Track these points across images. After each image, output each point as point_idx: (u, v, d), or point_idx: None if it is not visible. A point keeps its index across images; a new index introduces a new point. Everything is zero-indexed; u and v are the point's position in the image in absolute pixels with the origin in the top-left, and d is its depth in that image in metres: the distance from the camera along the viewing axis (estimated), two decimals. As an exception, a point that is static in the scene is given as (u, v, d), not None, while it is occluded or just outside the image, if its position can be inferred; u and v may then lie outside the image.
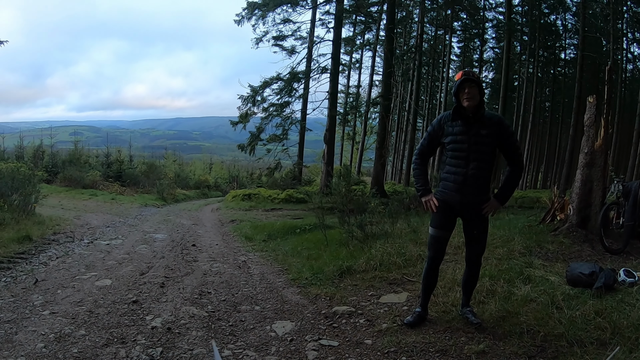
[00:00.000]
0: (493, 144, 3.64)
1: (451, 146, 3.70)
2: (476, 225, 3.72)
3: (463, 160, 3.63)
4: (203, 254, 7.33)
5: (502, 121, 3.73)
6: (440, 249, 3.83)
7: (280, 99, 21.08)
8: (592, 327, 3.39)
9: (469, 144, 3.61)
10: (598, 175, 6.48)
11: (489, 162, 3.67)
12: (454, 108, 3.70)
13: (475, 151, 3.61)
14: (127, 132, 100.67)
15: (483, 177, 3.65)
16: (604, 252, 5.84)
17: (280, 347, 3.52)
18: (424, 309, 3.94)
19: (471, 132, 3.61)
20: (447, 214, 3.76)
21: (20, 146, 24.45)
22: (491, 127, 3.60)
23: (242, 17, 21.10)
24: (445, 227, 3.79)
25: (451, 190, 3.70)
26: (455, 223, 3.85)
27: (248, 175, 35.35)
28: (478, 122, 3.61)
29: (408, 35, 30.81)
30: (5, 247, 6.98)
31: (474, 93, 3.55)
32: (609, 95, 6.75)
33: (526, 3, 28.00)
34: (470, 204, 3.66)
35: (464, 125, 3.64)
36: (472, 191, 3.63)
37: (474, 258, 3.79)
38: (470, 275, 3.84)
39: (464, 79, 3.56)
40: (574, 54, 29.64)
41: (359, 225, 7.20)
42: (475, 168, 3.61)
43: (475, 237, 3.74)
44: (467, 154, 3.62)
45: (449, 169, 3.74)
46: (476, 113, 3.60)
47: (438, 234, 3.78)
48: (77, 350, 3.34)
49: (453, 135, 3.68)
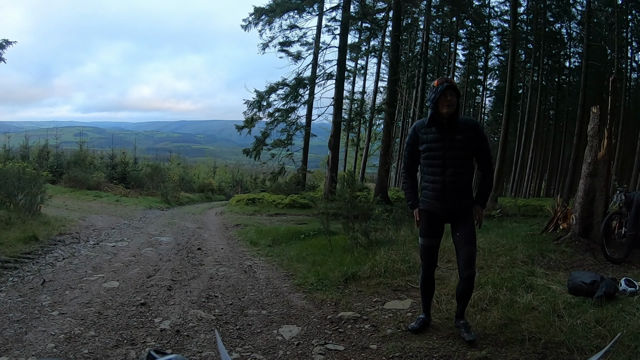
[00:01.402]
0: (469, 148, 3.61)
1: (426, 154, 3.68)
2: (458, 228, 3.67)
3: (439, 168, 3.61)
4: (209, 258, 7.39)
5: (477, 125, 3.71)
6: (431, 256, 3.82)
7: (286, 105, 21.19)
8: (593, 335, 3.43)
9: (444, 150, 3.58)
10: (601, 185, 6.53)
11: (466, 167, 3.65)
12: (430, 115, 3.60)
13: (451, 157, 3.57)
14: (132, 133, 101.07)
15: (462, 182, 3.61)
16: (606, 262, 5.88)
17: (288, 350, 3.56)
18: (427, 314, 3.94)
19: (446, 138, 3.57)
20: (432, 223, 3.75)
21: (25, 146, 24.57)
22: (466, 131, 3.58)
23: (249, 23, 21.25)
24: (432, 235, 3.77)
25: (431, 199, 3.69)
26: (442, 230, 3.82)
27: (252, 180, 35.53)
28: (452, 127, 3.56)
29: (413, 42, 30.87)
30: (12, 246, 7.05)
31: (454, 100, 3.51)
32: (612, 105, 6.80)
33: (531, 11, 28.06)
34: (452, 209, 3.64)
35: (438, 131, 3.60)
36: (452, 197, 3.60)
37: (462, 267, 3.64)
38: (464, 287, 3.69)
39: (447, 86, 3.49)
40: (578, 62, 29.65)
41: (363, 231, 7.24)
42: (453, 174, 3.58)
43: (459, 240, 3.66)
44: (442, 161, 3.59)
45: (427, 177, 3.72)
46: (451, 119, 3.55)
47: (426, 242, 3.78)
48: (88, 351, 3.38)
49: (427, 143, 3.66)
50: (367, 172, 33.82)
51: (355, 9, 23.02)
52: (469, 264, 3.59)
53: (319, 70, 21.82)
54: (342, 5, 21.20)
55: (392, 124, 18.51)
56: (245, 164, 43.34)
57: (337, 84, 20.90)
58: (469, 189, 3.69)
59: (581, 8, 26.49)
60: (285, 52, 22.19)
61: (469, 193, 3.68)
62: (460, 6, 24.18)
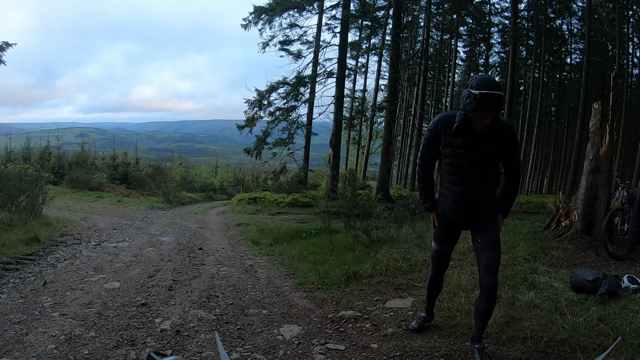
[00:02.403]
0: (498, 157, 3.20)
1: (449, 160, 3.25)
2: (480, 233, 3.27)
3: (463, 178, 3.20)
4: (210, 258, 7.38)
5: (510, 131, 3.21)
6: (443, 262, 3.61)
7: (287, 103, 21.20)
8: (595, 333, 3.41)
9: (471, 159, 3.14)
10: (603, 181, 6.49)
11: (492, 178, 3.26)
12: (459, 124, 3.09)
13: (477, 168, 3.16)
14: (133, 134, 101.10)
15: (486, 195, 3.24)
16: (609, 259, 5.84)
17: (288, 350, 3.56)
18: (429, 313, 3.82)
19: (474, 147, 3.11)
20: (447, 230, 3.46)
21: (27, 147, 24.63)
22: (497, 139, 3.11)
23: (249, 22, 21.24)
24: (445, 243, 3.52)
25: (450, 209, 3.33)
26: (458, 237, 3.56)
27: (254, 179, 35.58)
28: (483, 135, 3.09)
29: (414, 39, 30.85)
30: (14, 248, 7.05)
31: (492, 118, 3.04)
32: (614, 102, 6.74)
33: (532, 7, 28.01)
34: (470, 219, 3.31)
35: (466, 137, 3.13)
36: (473, 209, 3.25)
37: (482, 275, 3.17)
38: (483, 300, 3.19)
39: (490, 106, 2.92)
40: (579, 58, 29.56)
41: (364, 230, 7.23)
42: (476, 187, 3.19)
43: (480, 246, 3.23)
44: (467, 171, 3.17)
45: (447, 185, 3.32)
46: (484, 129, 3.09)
47: (439, 249, 3.53)
48: (88, 352, 3.38)
49: (452, 148, 3.20)
50: (368, 170, 33.83)
51: (356, 7, 22.99)
52: (491, 270, 3.13)
53: (319, 69, 21.83)
54: (342, 3, 21.17)
55: (393, 122, 18.50)
56: (247, 163, 43.37)
57: (337, 82, 20.90)
58: (494, 199, 3.31)
59: (582, 4, 26.41)
60: (286, 51, 22.20)
61: (492, 203, 3.30)
62: (461, 3, 24.16)
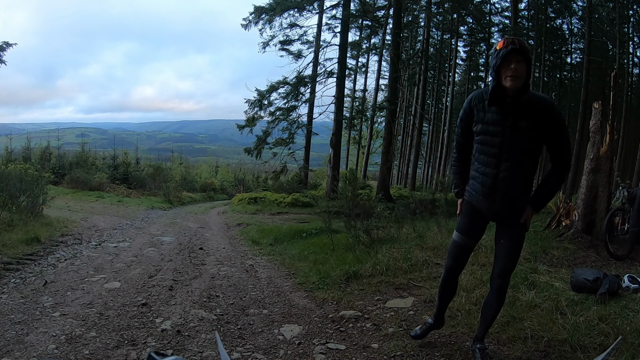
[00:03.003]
0: (536, 139, 2.87)
1: (480, 138, 3.00)
2: (504, 234, 3.05)
3: (494, 159, 2.92)
4: (210, 258, 7.38)
5: (553, 108, 2.88)
6: (460, 258, 3.22)
7: (287, 103, 21.19)
8: (596, 332, 3.41)
9: (503, 137, 2.87)
10: (603, 181, 6.50)
11: (528, 163, 2.93)
12: (492, 88, 2.85)
13: (510, 148, 2.87)
14: (134, 134, 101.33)
15: (519, 181, 2.94)
16: (609, 258, 5.85)
17: (289, 350, 3.55)
18: (438, 320, 3.47)
19: (507, 123, 2.85)
20: (474, 219, 3.15)
21: (27, 147, 24.63)
22: (535, 116, 2.82)
23: (249, 22, 21.22)
24: (469, 234, 3.17)
25: (479, 194, 3.05)
26: (483, 230, 3.23)
27: (254, 179, 35.58)
28: (518, 109, 2.83)
29: (414, 39, 30.86)
30: (14, 248, 7.04)
31: (522, 71, 2.74)
32: (614, 101, 6.75)
33: (532, 7, 28.01)
34: (500, 212, 3.02)
35: (499, 112, 2.88)
36: (503, 198, 2.95)
37: (495, 275, 3.05)
38: (492, 298, 3.09)
39: (512, 50, 2.70)
40: (580, 58, 29.55)
41: (365, 229, 7.22)
42: (509, 170, 2.89)
43: (501, 249, 3.06)
44: (499, 151, 2.90)
45: (477, 166, 3.05)
46: (518, 98, 2.80)
47: (461, 240, 3.17)
48: (89, 352, 3.38)
49: (484, 124, 2.96)
50: (369, 170, 33.84)
51: (356, 7, 22.98)
52: (505, 274, 3.03)
53: (319, 69, 21.82)
54: (343, 3, 21.15)
55: (394, 122, 18.49)
56: (247, 163, 43.37)
57: (338, 82, 20.89)
58: (528, 190, 3.03)
59: (582, 3, 26.39)
60: (286, 51, 22.19)
61: (526, 195, 3.02)
62: (461, 3, 24.17)
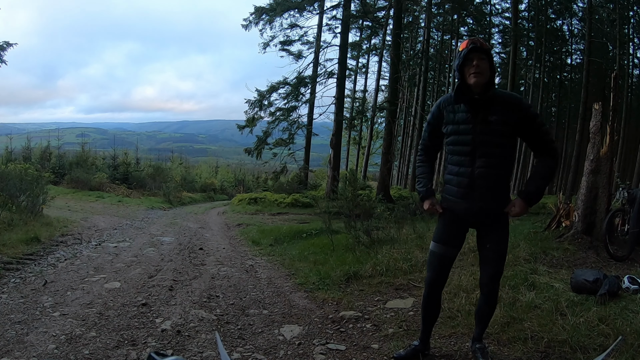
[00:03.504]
0: (508, 133, 2.86)
1: (452, 138, 3.00)
2: (490, 238, 2.99)
3: (468, 157, 2.91)
4: (210, 258, 7.38)
5: (521, 102, 2.91)
6: (441, 269, 3.11)
7: (287, 104, 21.23)
8: (596, 333, 3.41)
9: (474, 134, 2.87)
10: (603, 182, 6.49)
11: (504, 158, 2.91)
12: (456, 87, 2.91)
13: (483, 143, 2.86)
14: (134, 134, 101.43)
15: (496, 176, 2.89)
16: (609, 259, 5.85)
17: (289, 350, 3.55)
18: (424, 343, 3.29)
19: (477, 119, 2.87)
20: (452, 227, 3.07)
21: (27, 147, 24.68)
22: (504, 110, 2.84)
23: (250, 22, 21.28)
24: (448, 243, 3.07)
25: (455, 197, 2.99)
26: (463, 239, 3.16)
27: (254, 179, 35.58)
28: (487, 105, 2.86)
29: (414, 40, 30.86)
30: (14, 248, 7.04)
31: (484, 67, 2.80)
32: (615, 102, 6.75)
33: (532, 8, 28.05)
34: (480, 213, 2.95)
35: (468, 110, 2.90)
36: (481, 196, 2.89)
37: (486, 281, 3.03)
38: (484, 303, 3.12)
39: (472, 48, 2.79)
40: (580, 59, 29.66)
41: (365, 230, 7.23)
42: (485, 166, 2.86)
43: (488, 254, 3.00)
44: (472, 148, 2.89)
45: (451, 168, 3.02)
46: (484, 93, 2.84)
47: (439, 250, 3.08)
48: (89, 352, 3.37)
49: (454, 124, 2.96)
50: (369, 170, 33.86)
51: (356, 7, 23.06)
52: (494, 279, 3.02)
53: (320, 69, 21.85)
54: (343, 3, 21.19)
55: (394, 122, 18.49)
56: (247, 164, 43.38)
57: (338, 83, 20.91)
58: (506, 187, 2.99)
59: (582, 4, 26.47)
60: (286, 51, 22.25)
61: (505, 192, 2.97)
62: (461, 3, 24.19)
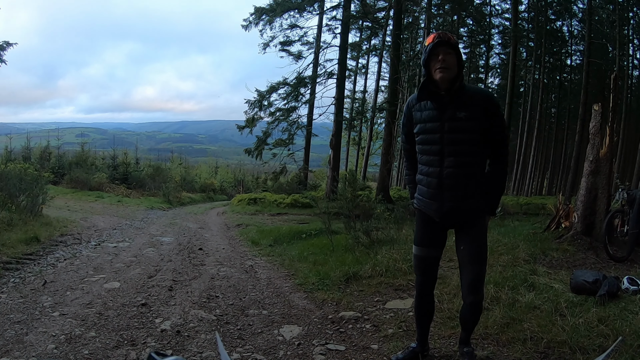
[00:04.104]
0: (476, 130, 2.74)
1: (420, 138, 2.89)
2: (463, 240, 2.90)
3: (436, 156, 2.81)
4: (210, 258, 7.37)
5: (490, 98, 2.81)
6: (427, 271, 3.04)
7: (287, 104, 21.24)
8: (595, 334, 3.40)
9: (442, 132, 2.76)
10: (603, 183, 6.50)
11: (473, 156, 2.78)
12: (421, 83, 2.81)
13: (452, 141, 2.75)
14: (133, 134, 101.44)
15: (467, 175, 2.77)
16: (608, 260, 5.86)
17: (288, 351, 3.55)
18: (422, 344, 3.23)
19: (445, 116, 2.75)
20: (428, 227, 2.99)
21: (27, 147, 24.67)
22: (473, 106, 2.72)
23: (250, 22, 21.28)
24: (428, 244, 2.99)
25: (426, 197, 2.91)
26: (444, 239, 3.05)
27: (254, 179, 35.58)
28: (454, 101, 2.74)
29: (414, 41, 30.84)
30: (14, 248, 7.02)
31: (451, 62, 2.68)
32: (614, 103, 6.76)
33: (532, 9, 28.09)
34: (451, 213, 2.84)
35: (435, 107, 2.79)
36: (451, 196, 2.79)
37: (465, 291, 2.91)
38: (467, 312, 2.98)
39: (438, 42, 2.65)
40: (579, 60, 29.73)
41: (365, 231, 7.22)
42: (454, 165, 2.75)
43: (463, 257, 2.90)
44: (440, 147, 2.78)
45: (421, 168, 2.95)
46: (451, 89, 2.73)
47: (420, 252, 3.01)
48: (88, 352, 3.37)
49: (422, 123, 2.86)
50: (368, 171, 33.85)
51: (356, 8, 23.03)
52: (474, 288, 2.85)
53: (320, 70, 21.87)
54: (343, 4, 21.19)
55: (394, 123, 18.44)
56: (247, 164, 43.45)
57: (338, 83, 20.90)
58: (477, 185, 2.83)
59: (582, 5, 26.57)
60: (286, 52, 22.26)
61: (476, 191, 2.83)
62: (461, 4, 24.17)
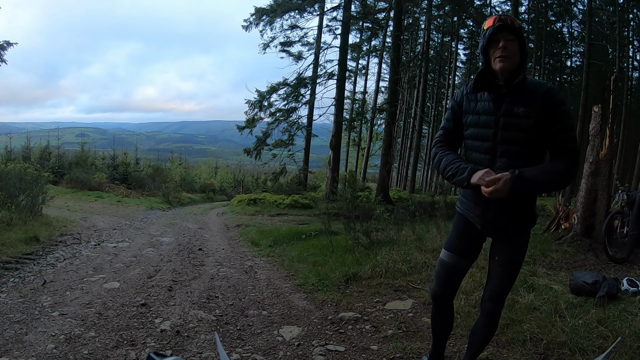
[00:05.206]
0: (536, 129, 2.28)
1: (470, 131, 2.47)
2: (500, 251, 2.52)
3: (487, 155, 2.39)
4: (210, 258, 7.37)
5: (552, 93, 2.30)
6: (448, 282, 2.63)
7: (287, 105, 21.22)
8: (595, 335, 3.41)
9: (496, 128, 2.35)
10: (603, 184, 6.51)
11: (530, 158, 2.33)
12: (478, 72, 2.42)
13: (506, 140, 2.33)
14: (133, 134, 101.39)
15: None
16: (608, 261, 5.86)
17: (288, 351, 3.54)
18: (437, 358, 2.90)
19: (501, 111, 2.34)
20: (466, 234, 2.60)
21: (27, 147, 24.60)
22: (533, 102, 2.27)
23: (250, 23, 21.28)
24: (460, 252, 2.59)
25: (470, 201, 2.53)
26: (479, 249, 2.67)
27: (253, 180, 35.56)
28: (513, 94, 2.31)
29: (414, 42, 30.91)
30: (13, 247, 7.01)
31: (513, 50, 2.29)
32: (614, 104, 6.76)
33: (532, 10, 28.11)
34: (495, 221, 2.46)
35: (492, 99, 2.38)
36: (498, 205, 2.35)
37: (486, 297, 2.53)
38: (482, 323, 2.58)
39: (499, 27, 2.27)
40: (579, 61, 29.72)
41: (364, 231, 7.21)
42: (506, 167, 2.29)
43: (495, 267, 2.52)
44: (492, 145, 2.37)
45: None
46: (511, 81, 2.31)
47: (450, 259, 2.59)
48: (88, 352, 3.37)
49: (474, 115, 2.45)
50: (368, 172, 33.88)
51: (357, 9, 23.05)
52: (498, 297, 2.51)
53: (320, 70, 21.87)
54: (343, 4, 21.19)
55: (394, 124, 18.49)
56: (247, 164, 43.41)
57: (338, 84, 20.91)
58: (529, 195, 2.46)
59: (582, 7, 26.58)
60: (287, 52, 22.24)
61: (527, 202, 2.46)
62: (462, 6, 24.18)
